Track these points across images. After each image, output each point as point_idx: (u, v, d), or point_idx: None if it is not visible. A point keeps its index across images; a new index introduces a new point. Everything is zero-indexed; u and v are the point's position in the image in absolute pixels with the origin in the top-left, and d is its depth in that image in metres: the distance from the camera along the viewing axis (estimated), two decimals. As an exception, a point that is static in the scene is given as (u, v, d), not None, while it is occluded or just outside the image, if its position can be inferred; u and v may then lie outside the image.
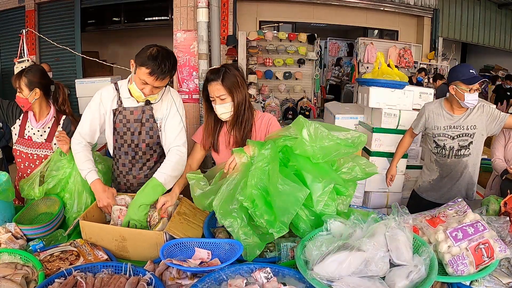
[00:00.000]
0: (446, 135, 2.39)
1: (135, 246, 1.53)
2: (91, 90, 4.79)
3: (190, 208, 1.77)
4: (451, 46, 8.54)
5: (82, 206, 1.85)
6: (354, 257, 1.12)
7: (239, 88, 1.79)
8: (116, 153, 2.01)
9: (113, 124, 1.92)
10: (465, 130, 2.34)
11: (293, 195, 1.36)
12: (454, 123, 2.36)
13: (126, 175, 2.03)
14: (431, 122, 2.44)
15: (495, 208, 1.75)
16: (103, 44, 9.24)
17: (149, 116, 1.91)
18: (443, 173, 2.46)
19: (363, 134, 1.50)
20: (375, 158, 3.24)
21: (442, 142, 2.41)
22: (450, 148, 2.39)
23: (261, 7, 7.36)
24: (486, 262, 1.26)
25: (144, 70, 1.70)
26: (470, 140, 2.34)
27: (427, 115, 2.46)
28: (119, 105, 1.90)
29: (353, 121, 3.56)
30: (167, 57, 1.73)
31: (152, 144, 1.98)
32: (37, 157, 2.12)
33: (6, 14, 7.00)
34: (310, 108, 6.65)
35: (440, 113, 2.41)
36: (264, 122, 1.90)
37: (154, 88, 1.77)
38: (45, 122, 2.15)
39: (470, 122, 2.33)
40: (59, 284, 1.20)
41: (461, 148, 2.37)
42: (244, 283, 1.15)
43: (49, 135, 2.15)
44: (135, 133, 1.92)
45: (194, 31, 3.44)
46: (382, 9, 7.75)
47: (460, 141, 2.36)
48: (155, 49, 1.72)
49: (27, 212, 1.82)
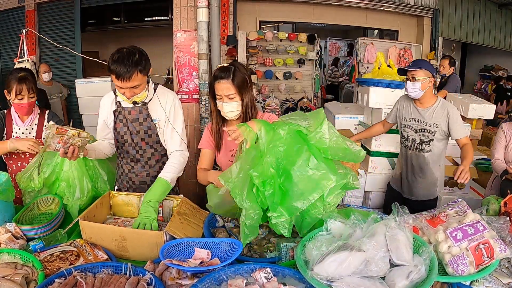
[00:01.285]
0: (410, 127, 2.52)
1: (135, 246, 1.53)
2: (91, 90, 4.82)
3: (190, 208, 1.77)
4: (451, 46, 8.53)
5: (85, 191, 1.86)
6: (354, 257, 1.12)
7: (248, 88, 1.80)
8: (120, 152, 2.06)
9: (114, 124, 1.96)
10: (427, 126, 2.45)
11: (315, 182, 1.33)
12: (419, 117, 2.49)
13: (129, 173, 2.07)
14: (401, 113, 2.59)
15: (495, 208, 1.75)
16: (103, 44, 9.23)
17: (146, 115, 1.94)
18: (408, 165, 2.58)
19: (363, 150, 1.49)
20: (375, 158, 3.24)
21: (406, 134, 2.55)
22: (412, 140, 2.53)
23: (261, 7, 7.35)
24: (486, 262, 1.26)
25: (113, 76, 1.73)
26: (431, 136, 2.45)
27: (398, 105, 2.62)
28: (118, 106, 1.95)
29: (353, 121, 3.56)
30: (127, 55, 1.71)
31: (152, 142, 2.01)
32: (29, 155, 2.13)
33: (6, 14, 6.99)
34: (310, 108, 6.64)
35: (409, 105, 2.55)
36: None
37: (132, 89, 1.77)
38: (30, 120, 2.17)
39: (433, 119, 2.43)
40: (59, 284, 1.20)
41: (422, 142, 2.48)
42: (244, 283, 1.15)
43: (37, 132, 2.18)
44: (134, 132, 1.96)
45: (194, 31, 3.44)
46: (382, 9, 7.73)
47: (421, 135, 2.48)
48: (116, 52, 1.73)
49: (27, 212, 1.82)
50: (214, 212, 1.70)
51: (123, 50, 1.73)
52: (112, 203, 1.88)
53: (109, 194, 1.87)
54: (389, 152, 3.20)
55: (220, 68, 1.82)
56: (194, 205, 1.82)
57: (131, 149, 2.00)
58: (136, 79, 1.74)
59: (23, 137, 2.15)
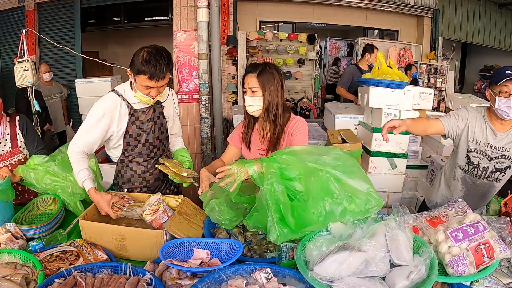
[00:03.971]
0: (483, 154, 1.98)
1: (135, 245, 1.53)
2: (91, 90, 4.82)
3: (191, 208, 1.77)
4: (451, 46, 8.53)
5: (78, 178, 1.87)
6: (354, 258, 1.12)
7: (273, 87, 1.80)
8: (129, 155, 2.00)
9: (126, 127, 1.91)
10: (505, 152, 1.94)
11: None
12: (495, 142, 1.95)
13: (142, 173, 2.06)
14: (472, 133, 1.99)
15: (495, 208, 1.75)
16: (103, 44, 9.24)
17: (159, 113, 2.00)
18: (470, 194, 2.09)
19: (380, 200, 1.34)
20: (375, 158, 3.23)
21: (477, 161, 2.01)
22: (484, 169, 2.01)
23: (261, 7, 7.34)
24: (487, 262, 1.26)
25: (142, 77, 1.73)
26: (508, 163, 1.96)
27: (469, 123, 1.99)
28: (131, 108, 1.90)
29: (353, 121, 3.56)
30: (159, 55, 1.73)
31: (163, 139, 2.08)
32: (11, 166, 2.06)
33: (6, 14, 6.99)
34: (310, 108, 6.65)
35: (484, 127, 1.97)
36: (291, 124, 1.88)
37: (159, 88, 1.81)
38: (1, 132, 2.04)
39: (510, 143, 1.94)
40: (59, 284, 1.20)
41: (497, 170, 1.99)
42: (244, 284, 1.15)
43: (12, 142, 2.07)
44: (149, 132, 1.98)
45: (194, 31, 3.44)
46: (382, 9, 7.73)
47: (497, 163, 1.97)
48: (145, 52, 1.72)
49: (26, 212, 1.83)
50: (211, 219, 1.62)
51: (151, 50, 1.74)
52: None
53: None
54: (389, 152, 3.19)
55: (252, 64, 1.89)
56: (195, 205, 1.82)
57: (145, 149, 2.01)
58: (167, 78, 1.81)
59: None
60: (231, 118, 5.62)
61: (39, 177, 1.90)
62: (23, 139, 2.10)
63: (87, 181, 1.79)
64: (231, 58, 6.23)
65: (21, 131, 2.10)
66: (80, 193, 1.90)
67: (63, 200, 1.88)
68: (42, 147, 2.17)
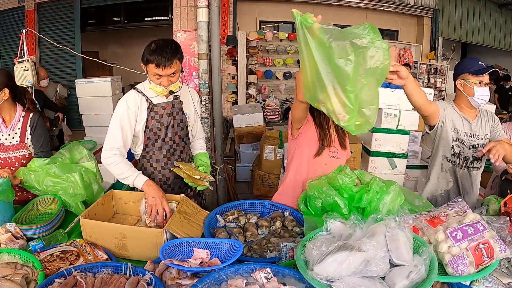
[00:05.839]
0: (464, 143, 2.05)
1: (135, 245, 1.53)
2: (91, 90, 4.82)
3: (191, 207, 1.77)
4: (451, 46, 8.55)
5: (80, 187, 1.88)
6: (354, 257, 1.12)
7: None
8: (149, 150, 2.04)
9: (146, 121, 1.96)
10: (480, 140, 2.03)
11: None
12: (469, 130, 2.03)
13: (162, 170, 2.08)
14: (452, 123, 2.05)
15: (495, 208, 1.75)
16: (103, 44, 9.25)
17: (178, 109, 2.03)
18: (458, 184, 2.16)
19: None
20: (375, 158, 3.24)
21: (459, 149, 2.06)
22: (465, 158, 2.08)
23: (261, 7, 7.36)
24: (486, 262, 1.26)
25: (151, 66, 1.83)
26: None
27: (447, 114, 2.05)
28: (150, 102, 1.96)
29: (353, 121, 3.56)
30: (165, 44, 1.83)
31: (183, 135, 2.10)
32: (15, 159, 2.09)
33: (6, 14, 7.00)
34: (310, 108, 6.65)
35: (458, 117, 2.04)
36: None
37: (169, 77, 1.86)
38: (14, 124, 2.10)
39: (484, 129, 2.04)
40: (59, 284, 1.20)
41: (475, 160, 2.06)
42: (244, 283, 1.15)
43: (21, 136, 2.12)
44: (169, 127, 2.01)
45: (194, 31, 3.44)
46: (382, 9, 7.75)
47: (474, 152, 2.05)
48: (153, 43, 1.85)
49: (26, 212, 1.82)
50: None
51: (159, 41, 1.85)
52: (115, 201, 1.88)
53: (112, 193, 1.87)
54: (389, 152, 3.20)
55: None
56: (195, 204, 1.82)
57: (165, 144, 2.03)
58: (175, 66, 1.84)
59: (6, 142, 2.09)
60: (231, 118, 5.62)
61: (40, 179, 1.90)
62: (30, 136, 2.13)
63: (139, 176, 1.83)
64: (231, 58, 6.23)
65: (30, 128, 2.13)
66: (82, 194, 1.90)
67: (65, 201, 1.88)
68: (46, 150, 2.17)
